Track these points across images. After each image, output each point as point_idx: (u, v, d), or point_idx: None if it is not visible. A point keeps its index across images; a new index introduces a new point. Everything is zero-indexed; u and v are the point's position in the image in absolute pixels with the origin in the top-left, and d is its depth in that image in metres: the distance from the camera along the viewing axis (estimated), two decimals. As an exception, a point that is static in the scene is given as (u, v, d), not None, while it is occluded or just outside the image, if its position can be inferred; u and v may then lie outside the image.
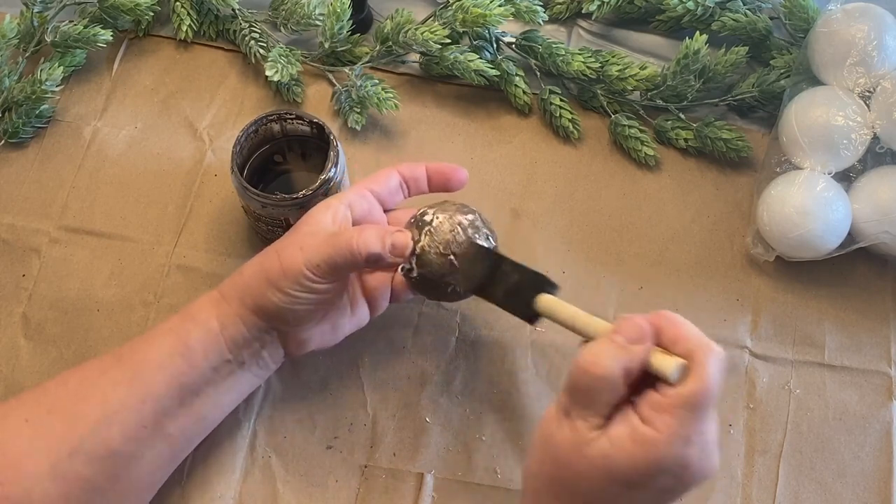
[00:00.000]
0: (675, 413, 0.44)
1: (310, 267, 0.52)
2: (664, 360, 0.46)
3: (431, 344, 0.65)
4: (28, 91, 0.70)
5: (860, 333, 0.67)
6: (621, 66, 0.72)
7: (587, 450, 0.45)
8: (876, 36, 0.65)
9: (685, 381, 0.45)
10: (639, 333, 0.46)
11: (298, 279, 0.52)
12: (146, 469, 0.54)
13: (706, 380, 0.44)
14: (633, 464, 0.44)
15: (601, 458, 0.45)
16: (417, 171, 0.58)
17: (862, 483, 0.62)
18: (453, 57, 0.71)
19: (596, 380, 0.45)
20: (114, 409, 0.53)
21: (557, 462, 0.47)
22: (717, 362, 0.45)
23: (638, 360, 0.45)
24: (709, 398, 0.45)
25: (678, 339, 0.46)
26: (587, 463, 0.45)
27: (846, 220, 0.64)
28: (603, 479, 0.45)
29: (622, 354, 0.45)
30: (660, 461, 0.44)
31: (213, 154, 0.71)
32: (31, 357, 0.64)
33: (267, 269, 0.54)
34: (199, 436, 0.58)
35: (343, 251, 0.52)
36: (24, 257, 0.67)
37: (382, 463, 0.61)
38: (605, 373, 0.45)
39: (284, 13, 0.74)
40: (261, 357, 0.57)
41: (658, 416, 0.44)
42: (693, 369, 0.45)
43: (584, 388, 0.46)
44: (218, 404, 0.57)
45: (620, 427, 0.45)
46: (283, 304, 0.53)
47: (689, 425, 0.44)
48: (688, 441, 0.44)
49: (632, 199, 0.71)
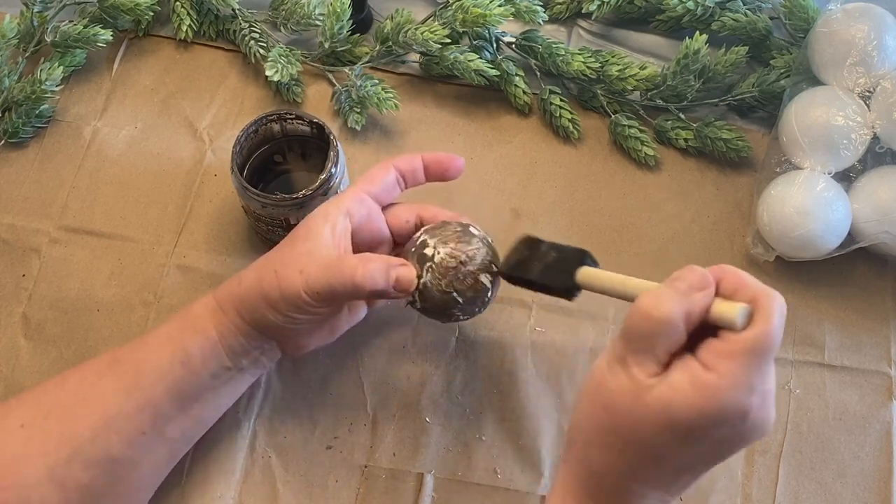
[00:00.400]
0: (738, 359, 0.42)
1: (309, 293, 0.51)
2: (728, 306, 0.44)
3: (431, 344, 0.65)
4: (28, 91, 0.70)
5: (860, 333, 0.67)
6: (621, 66, 0.72)
7: (645, 396, 0.43)
8: (876, 36, 0.65)
9: (750, 326, 0.43)
10: (701, 281, 0.44)
11: (297, 303, 0.52)
12: (145, 472, 0.54)
13: (771, 325, 0.43)
14: (694, 410, 0.42)
15: (660, 405, 0.43)
16: (414, 164, 0.57)
17: (862, 483, 0.62)
18: (453, 57, 0.71)
19: (656, 324, 0.43)
20: (112, 415, 0.52)
21: (611, 410, 0.45)
22: (781, 308, 0.44)
23: (700, 306, 0.44)
24: (774, 344, 0.43)
25: (740, 288, 0.44)
26: (645, 410, 0.43)
27: (846, 220, 0.64)
28: (661, 426, 0.43)
29: (684, 299, 0.43)
30: (722, 408, 0.42)
31: (213, 154, 0.71)
32: (31, 357, 0.64)
33: (265, 289, 0.53)
34: (198, 436, 0.58)
35: (345, 282, 0.51)
36: (24, 257, 0.67)
37: (382, 463, 0.61)
38: (666, 316, 0.43)
39: (284, 13, 0.74)
40: (259, 361, 0.57)
41: (721, 362, 0.42)
42: (758, 314, 0.43)
43: (644, 333, 0.44)
44: (217, 407, 0.57)
45: (680, 373, 0.43)
46: (280, 323, 0.53)
47: (752, 372, 0.42)
48: (751, 389, 0.42)
49: (632, 199, 0.71)
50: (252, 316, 0.54)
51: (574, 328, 0.66)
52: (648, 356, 0.44)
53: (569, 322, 0.66)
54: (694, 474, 0.46)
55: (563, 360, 0.65)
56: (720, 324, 0.44)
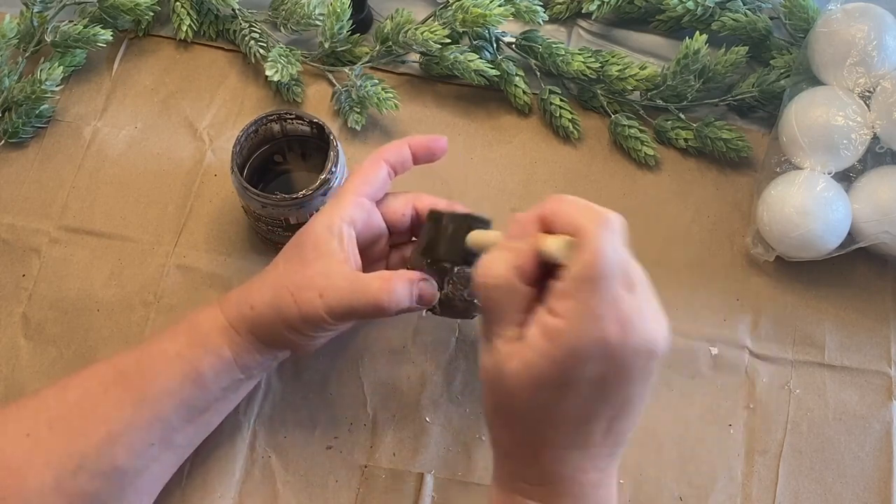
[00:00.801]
0: (574, 295, 0.40)
1: (332, 315, 0.51)
2: (551, 241, 0.42)
3: (431, 344, 0.65)
4: (28, 91, 0.70)
5: (860, 333, 0.67)
6: (621, 66, 0.72)
7: (509, 365, 0.42)
8: (876, 36, 0.65)
9: (576, 255, 0.41)
10: (520, 229, 0.43)
11: (318, 324, 0.52)
12: (151, 479, 0.55)
13: (596, 249, 0.40)
14: (550, 360, 0.41)
15: (523, 367, 0.42)
16: (403, 154, 0.57)
17: (862, 483, 0.62)
18: (453, 57, 0.71)
19: (493, 289, 0.42)
20: (120, 430, 0.52)
21: (491, 389, 0.45)
22: (608, 229, 0.41)
23: (525, 255, 0.42)
24: (606, 267, 0.40)
25: (560, 219, 0.42)
26: (513, 378, 0.42)
27: (846, 220, 0.64)
28: (530, 388, 0.42)
29: (509, 255, 0.42)
30: (574, 348, 0.40)
31: (213, 154, 0.71)
32: (31, 357, 0.64)
33: (283, 313, 0.52)
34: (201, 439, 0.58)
35: (369, 304, 0.51)
36: (24, 257, 0.67)
37: (382, 463, 0.61)
38: (496, 279, 0.42)
39: (284, 13, 0.74)
40: (269, 367, 0.58)
41: (560, 303, 0.41)
42: (581, 243, 0.41)
43: (487, 303, 0.43)
44: (224, 412, 0.58)
45: (533, 329, 0.42)
46: (301, 342, 0.54)
47: (592, 301, 0.40)
48: (597, 318, 0.40)
49: (632, 199, 0.71)
50: (269, 337, 0.54)
51: (574, 328, 0.65)
52: (503, 324, 0.43)
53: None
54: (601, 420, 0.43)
55: (563, 360, 0.65)
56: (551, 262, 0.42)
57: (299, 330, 0.53)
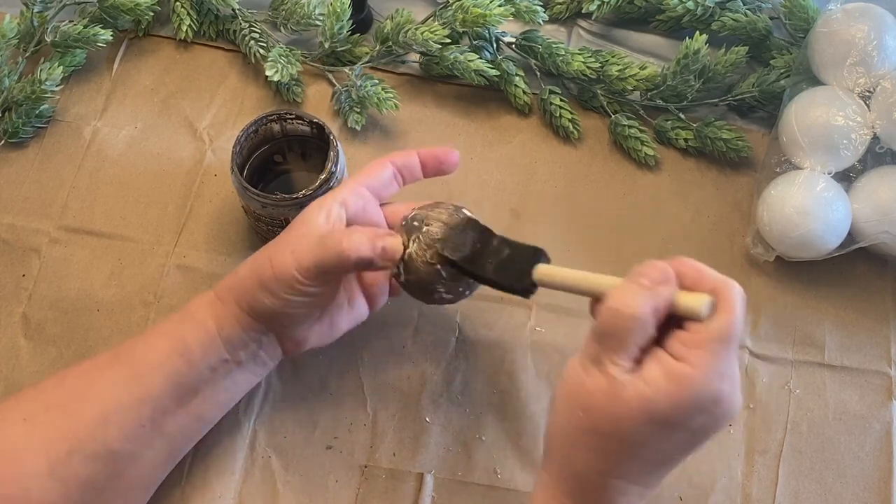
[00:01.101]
0: (707, 348, 0.44)
1: (300, 271, 0.52)
2: (692, 297, 0.45)
3: (431, 344, 0.65)
4: (28, 91, 0.70)
5: (860, 333, 0.67)
6: (621, 66, 0.72)
7: (624, 393, 0.44)
8: (876, 36, 0.65)
9: (715, 315, 0.45)
10: (663, 275, 0.46)
11: (290, 283, 0.52)
12: (145, 468, 0.55)
13: (735, 313, 0.45)
14: (672, 402, 0.44)
15: (638, 400, 0.44)
16: (411, 159, 0.57)
17: (862, 483, 0.62)
18: (453, 57, 0.71)
19: (627, 321, 0.44)
20: (112, 408, 0.53)
21: (591, 410, 0.46)
22: (742, 297, 0.46)
23: (665, 299, 0.45)
24: (738, 332, 0.45)
25: (701, 279, 0.46)
26: (624, 406, 0.44)
27: (846, 220, 0.64)
28: (641, 421, 0.44)
29: (650, 294, 0.45)
30: (697, 396, 0.44)
31: (213, 154, 0.71)
32: (31, 357, 0.64)
33: (259, 273, 0.53)
34: (198, 434, 0.58)
35: (332, 254, 0.51)
36: (24, 257, 0.67)
37: (382, 463, 0.61)
38: (636, 313, 0.44)
39: (284, 13, 0.74)
40: (258, 357, 0.57)
41: (691, 352, 0.44)
42: (721, 304, 0.45)
43: (615, 331, 0.45)
44: (216, 403, 0.57)
45: (654, 367, 0.45)
46: (275, 307, 0.53)
47: (722, 359, 0.44)
48: (722, 376, 0.44)
49: (632, 199, 0.71)
50: (248, 303, 0.54)
51: (574, 328, 0.66)
52: (622, 353, 0.45)
53: (569, 322, 0.66)
54: (671, 465, 0.47)
55: (563, 360, 0.64)
56: (686, 315, 0.45)
57: (273, 290, 0.53)
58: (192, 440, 0.58)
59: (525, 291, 0.52)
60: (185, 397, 0.55)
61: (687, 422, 0.45)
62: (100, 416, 0.52)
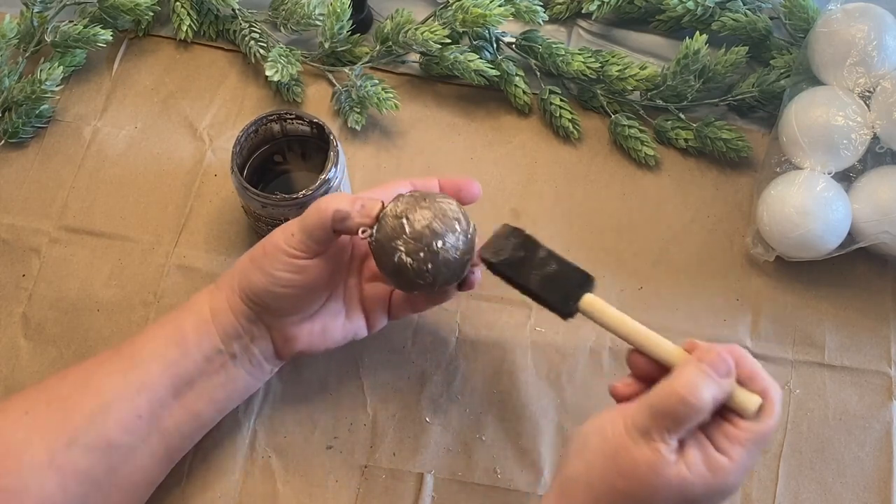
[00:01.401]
0: (747, 446, 0.48)
1: (287, 241, 0.53)
2: (745, 396, 0.48)
3: (431, 344, 0.65)
4: (28, 91, 0.70)
5: (860, 333, 0.67)
6: (621, 66, 0.72)
7: (666, 471, 0.47)
8: (876, 36, 0.65)
9: (760, 417, 0.48)
10: (727, 368, 0.48)
11: (278, 256, 0.54)
12: (142, 464, 0.55)
13: (776, 418, 0.48)
14: (706, 487, 0.47)
15: (679, 480, 0.47)
16: (430, 184, 0.58)
17: (862, 483, 0.62)
18: (453, 57, 0.71)
19: (693, 410, 0.47)
20: (109, 399, 0.54)
21: (630, 477, 0.48)
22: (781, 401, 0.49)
23: (725, 394, 0.48)
24: (772, 435, 0.50)
25: (753, 377, 0.49)
26: (665, 483, 0.47)
27: (846, 220, 0.64)
28: (675, 498, 0.48)
29: (716, 387, 0.48)
30: (727, 486, 0.48)
31: (213, 154, 0.71)
32: (31, 357, 0.64)
33: (252, 254, 0.56)
34: (195, 433, 0.58)
35: (312, 212, 0.53)
36: (24, 257, 0.67)
37: (382, 463, 0.61)
38: (701, 405, 0.47)
39: (284, 13, 0.74)
40: (251, 353, 0.57)
41: (733, 447, 0.48)
42: (766, 407, 0.48)
43: (677, 416, 0.47)
44: (212, 400, 0.57)
45: (696, 452, 0.48)
46: (266, 284, 0.54)
47: (754, 457, 0.48)
48: (747, 470, 0.49)
49: (632, 199, 0.71)
50: (241, 285, 0.55)
51: (574, 328, 0.65)
52: (675, 434, 0.47)
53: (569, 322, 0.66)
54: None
55: (563, 360, 0.65)
56: (736, 410, 0.48)
57: (262, 266, 0.54)
58: (189, 440, 0.58)
59: (565, 315, 0.53)
60: (181, 389, 0.55)
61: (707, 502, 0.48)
62: (97, 407, 0.53)
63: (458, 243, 0.52)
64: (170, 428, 0.55)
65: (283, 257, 0.53)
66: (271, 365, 0.59)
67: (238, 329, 0.56)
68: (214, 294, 0.57)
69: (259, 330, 0.57)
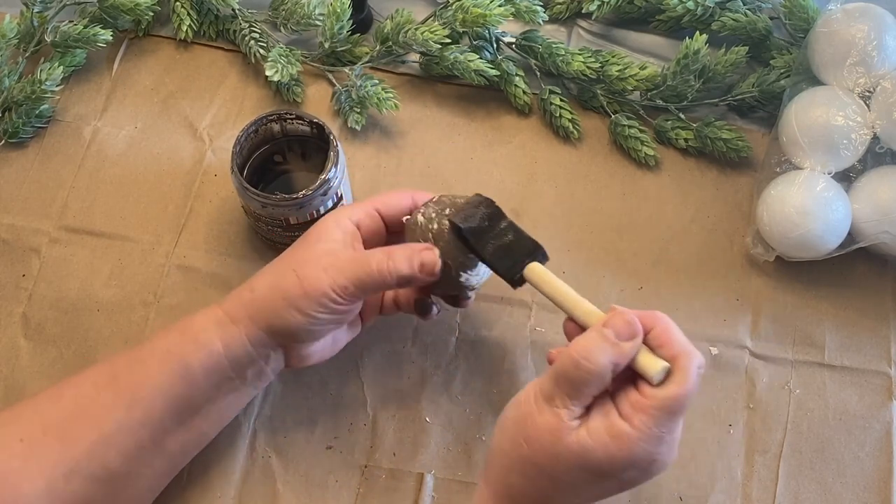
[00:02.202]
0: (652, 413, 0.46)
1: (336, 289, 0.52)
2: (649, 360, 0.47)
3: (431, 344, 0.65)
4: (28, 91, 0.70)
5: (860, 333, 0.67)
6: (621, 66, 0.72)
7: (567, 437, 0.47)
8: (876, 36, 0.65)
9: (666, 384, 0.47)
10: (630, 331, 0.47)
11: (322, 301, 0.52)
12: (144, 486, 0.54)
13: (686, 386, 0.46)
14: (608, 456, 0.46)
15: (578, 447, 0.46)
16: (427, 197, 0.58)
17: (862, 483, 0.62)
18: (453, 57, 0.71)
19: (587, 373, 0.46)
20: (111, 431, 0.52)
21: (533, 443, 0.48)
22: (698, 369, 0.47)
23: (626, 356, 0.47)
24: (686, 403, 0.46)
25: (665, 343, 0.47)
26: (564, 449, 0.47)
27: (846, 220, 0.64)
28: (577, 465, 0.47)
29: (614, 351, 0.47)
30: (632, 456, 0.46)
31: (213, 154, 0.71)
32: (31, 357, 0.64)
33: (285, 290, 0.53)
34: (198, 448, 0.57)
35: (373, 274, 0.52)
36: (24, 257, 0.67)
37: (382, 463, 0.61)
38: (597, 368, 0.46)
39: (284, 13, 0.74)
40: (263, 373, 0.56)
41: (636, 415, 0.46)
42: (675, 374, 0.47)
43: (574, 380, 0.47)
44: (219, 419, 0.57)
45: (599, 419, 0.47)
46: (301, 325, 0.53)
47: (663, 426, 0.46)
48: (660, 440, 0.46)
49: (632, 199, 0.71)
50: (268, 321, 0.53)
51: (574, 328, 0.66)
52: (575, 400, 0.47)
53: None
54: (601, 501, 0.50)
55: (563, 360, 0.65)
56: (640, 374, 0.47)
57: (302, 308, 0.52)
58: (192, 454, 0.57)
59: (513, 283, 0.53)
60: (186, 418, 0.54)
61: (618, 474, 0.47)
62: (98, 439, 0.51)
63: None
64: (174, 449, 0.54)
65: (329, 303, 0.52)
66: (276, 374, 0.58)
67: (254, 358, 0.54)
68: (227, 327, 0.53)
69: (275, 352, 0.56)
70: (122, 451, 0.52)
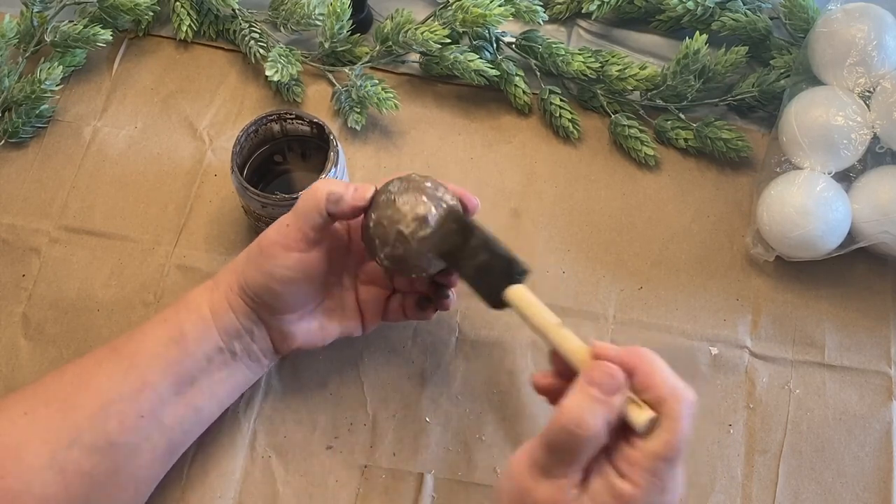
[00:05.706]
0: (649, 467, 0.44)
1: (281, 233, 0.54)
2: (636, 413, 0.45)
3: (431, 344, 0.65)
4: (28, 91, 0.70)
5: (860, 333, 0.67)
6: (621, 66, 0.72)
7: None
8: (876, 36, 0.65)
9: (658, 433, 0.44)
10: (615, 385, 0.45)
11: (274, 251, 0.54)
12: (144, 461, 0.55)
13: (677, 433, 0.44)
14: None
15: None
16: None
17: (862, 483, 0.62)
18: (453, 57, 0.71)
19: (582, 441, 0.44)
20: (111, 399, 0.53)
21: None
22: (689, 410, 0.45)
23: (618, 411, 0.45)
24: (680, 448, 0.45)
25: (650, 385, 0.45)
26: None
27: (846, 220, 0.64)
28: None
29: (604, 409, 0.44)
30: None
31: (213, 154, 0.71)
32: (31, 357, 0.64)
33: (249, 250, 0.56)
34: (197, 428, 0.58)
35: (304, 197, 0.53)
36: (24, 257, 0.67)
37: (382, 463, 0.61)
38: (592, 433, 0.44)
39: (284, 13, 0.74)
40: (251, 350, 0.57)
41: (634, 471, 0.44)
42: (664, 421, 0.44)
43: (570, 449, 0.45)
44: (213, 395, 0.57)
45: (599, 483, 0.45)
46: (264, 281, 0.54)
47: (663, 476, 0.44)
48: (664, 488, 0.45)
49: (632, 199, 0.71)
50: (239, 282, 0.56)
51: (574, 328, 0.65)
52: (573, 467, 0.45)
53: (569, 322, 0.65)
54: None
55: (563, 360, 0.65)
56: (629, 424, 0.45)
57: (259, 264, 0.54)
58: (191, 434, 0.58)
59: (494, 307, 0.51)
60: (182, 387, 0.55)
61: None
62: (99, 408, 0.53)
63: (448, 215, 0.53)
64: (172, 424, 0.55)
65: (280, 251, 0.53)
66: (269, 360, 0.59)
67: (238, 328, 0.56)
68: (213, 293, 0.57)
69: (259, 329, 0.57)
70: (122, 420, 0.53)
